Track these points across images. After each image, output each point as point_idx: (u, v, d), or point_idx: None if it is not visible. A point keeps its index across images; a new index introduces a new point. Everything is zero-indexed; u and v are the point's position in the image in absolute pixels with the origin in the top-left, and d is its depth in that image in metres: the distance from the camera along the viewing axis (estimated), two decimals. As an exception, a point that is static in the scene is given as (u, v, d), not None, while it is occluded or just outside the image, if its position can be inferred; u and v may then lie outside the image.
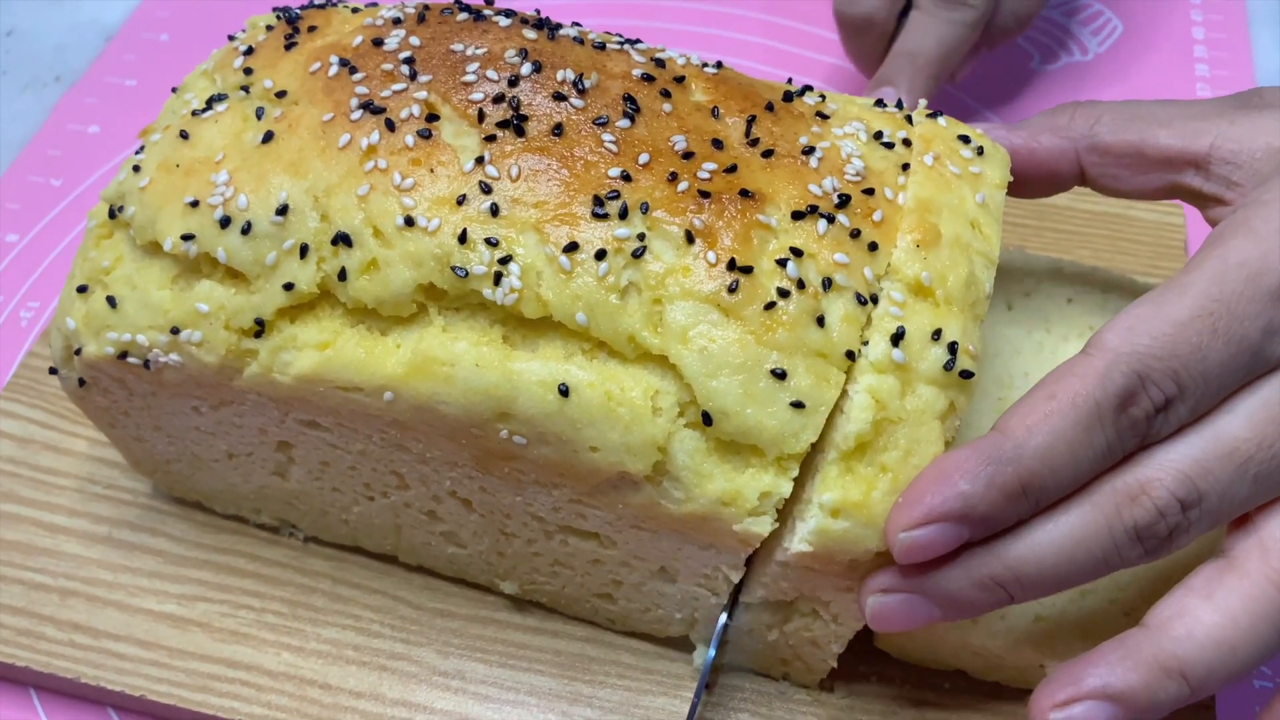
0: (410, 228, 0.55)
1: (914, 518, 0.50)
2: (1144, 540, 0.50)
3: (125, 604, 0.71)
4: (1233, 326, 0.49)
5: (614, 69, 0.59)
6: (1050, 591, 0.51)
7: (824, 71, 1.03)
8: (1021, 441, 0.49)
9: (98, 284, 0.61)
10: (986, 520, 0.49)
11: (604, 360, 0.55)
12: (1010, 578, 0.50)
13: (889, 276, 0.55)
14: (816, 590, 0.57)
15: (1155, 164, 0.60)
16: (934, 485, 0.50)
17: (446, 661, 0.68)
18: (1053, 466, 0.49)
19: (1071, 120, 0.62)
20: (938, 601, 0.52)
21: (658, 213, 0.55)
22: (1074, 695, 0.49)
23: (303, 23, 0.64)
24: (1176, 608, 0.50)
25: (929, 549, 0.50)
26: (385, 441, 0.60)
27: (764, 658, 0.65)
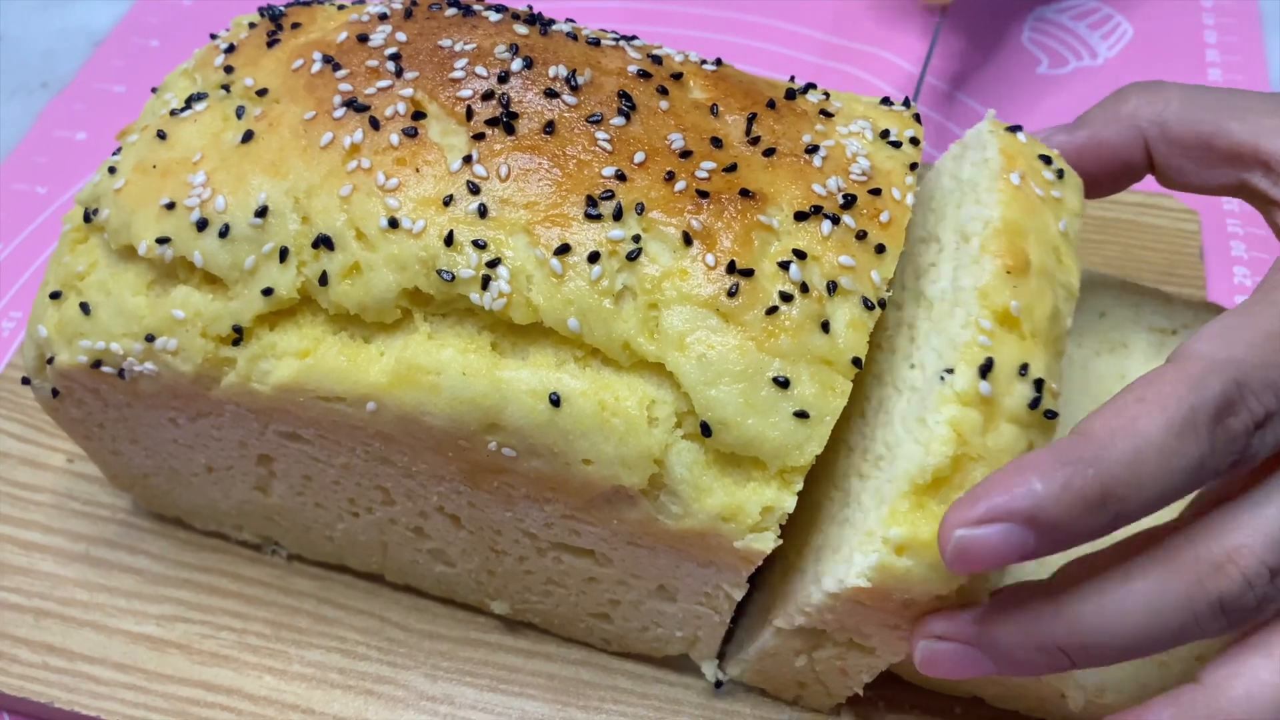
0: (394, 230, 0.52)
1: (976, 513, 0.44)
2: (1228, 613, 0.45)
3: (102, 625, 0.68)
4: None
5: (609, 65, 0.57)
6: (1115, 661, 0.47)
7: (830, 79, 1.01)
8: (1105, 444, 0.43)
9: (71, 290, 0.59)
10: (1056, 528, 0.43)
11: (597, 368, 0.52)
12: (1075, 644, 0.46)
13: (979, 303, 0.50)
14: (861, 624, 0.54)
15: (1222, 159, 0.56)
16: (1003, 480, 0.44)
17: (435, 685, 0.66)
18: (1139, 475, 0.43)
19: (1137, 107, 0.58)
20: (994, 657, 0.48)
21: (654, 213, 0.52)
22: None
23: (286, 20, 0.62)
24: (1235, 666, 0.46)
25: (986, 552, 0.44)
26: (369, 455, 0.58)
27: (780, 680, 0.62)
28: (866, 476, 0.52)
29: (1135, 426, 0.44)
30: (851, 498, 0.53)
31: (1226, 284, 0.85)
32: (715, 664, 0.64)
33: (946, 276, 0.53)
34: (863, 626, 0.54)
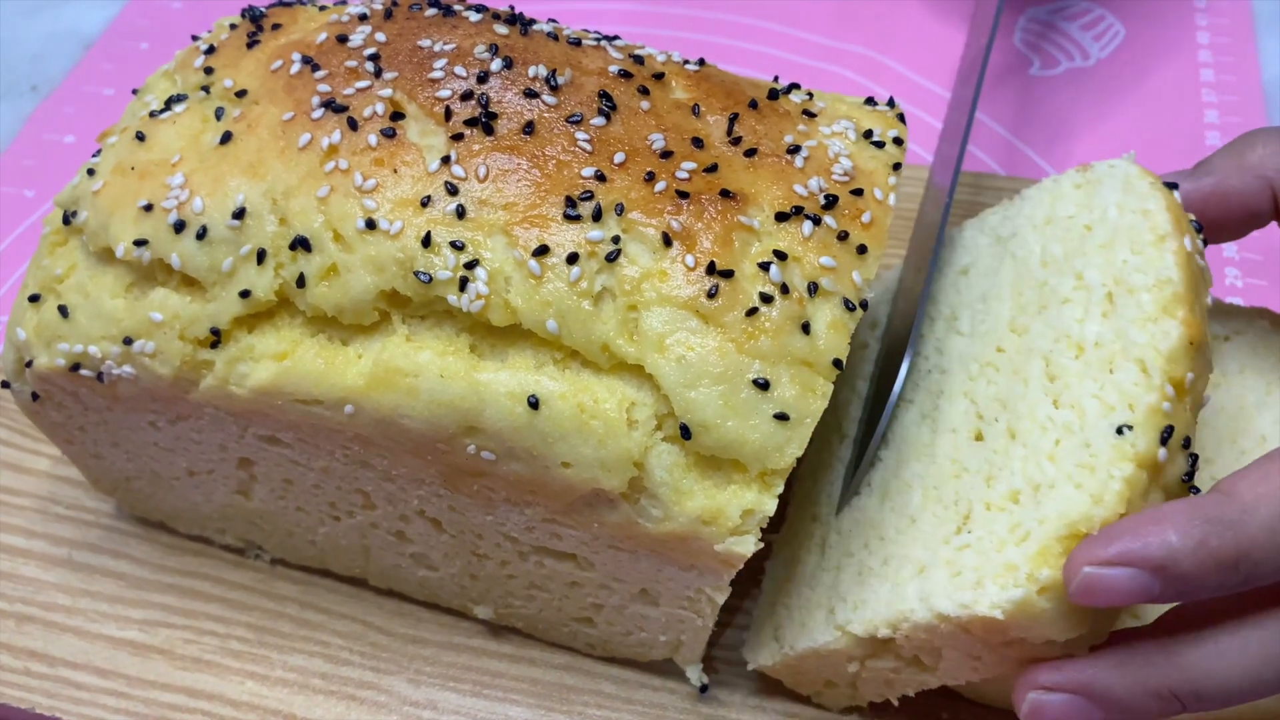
0: (371, 231, 0.52)
1: (1108, 554, 0.44)
2: None
3: (84, 630, 0.67)
4: None
5: (589, 65, 0.57)
6: (1227, 704, 0.47)
7: (824, 80, 1.00)
8: (1248, 509, 0.44)
9: (50, 293, 0.59)
10: (1185, 582, 0.44)
11: (576, 370, 0.51)
12: (1189, 690, 0.46)
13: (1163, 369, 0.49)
14: (945, 647, 0.52)
15: None
16: (1139, 527, 0.45)
17: (418, 691, 0.65)
18: (1278, 543, 0.44)
19: (1264, 156, 0.57)
20: (1105, 706, 0.47)
21: (633, 214, 0.52)
22: None
23: (267, 21, 0.62)
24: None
25: (1111, 592, 0.44)
26: (349, 458, 0.57)
27: (808, 677, 0.61)
28: (996, 507, 0.51)
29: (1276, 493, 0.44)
30: (972, 522, 0.52)
31: (1219, 286, 0.84)
32: (699, 668, 0.63)
33: (1097, 321, 0.53)
34: (945, 649, 0.53)
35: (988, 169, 0.91)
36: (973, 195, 0.87)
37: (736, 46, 1.03)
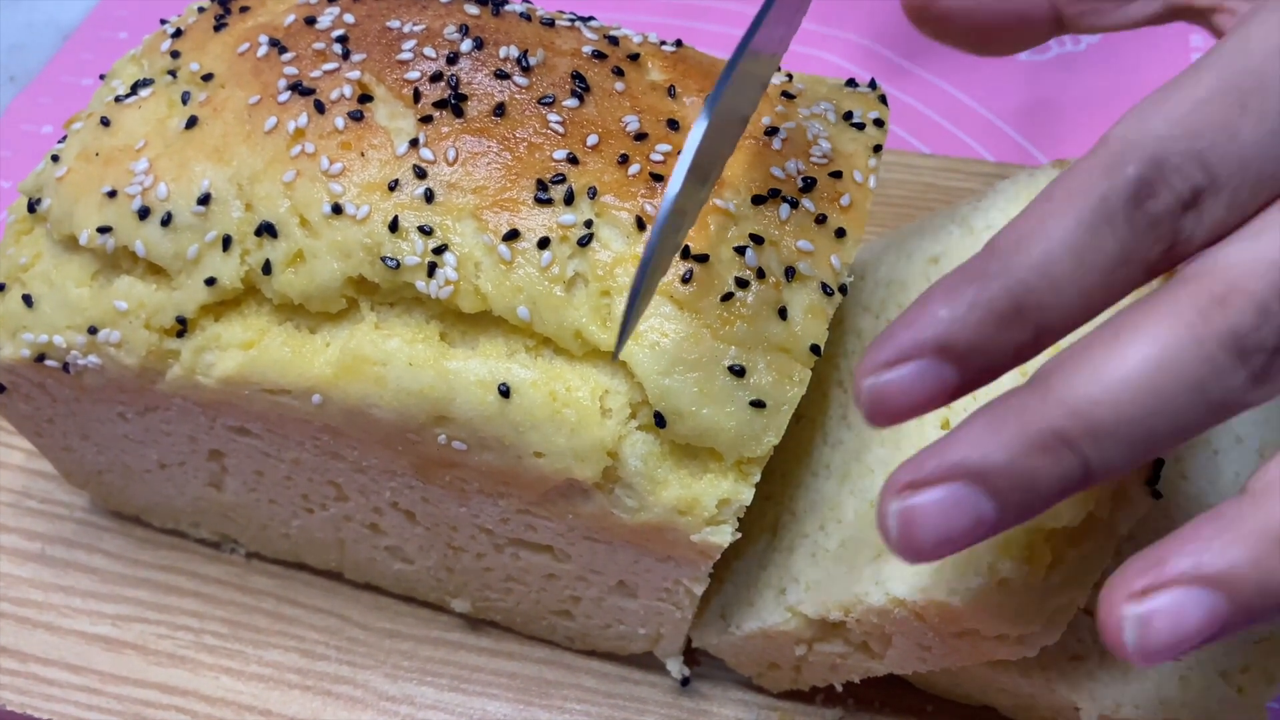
0: (338, 216, 0.51)
1: (883, 356, 0.38)
2: (1247, 354, 0.37)
3: (56, 625, 0.66)
4: (1267, 100, 0.39)
5: (562, 46, 0.55)
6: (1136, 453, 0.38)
7: (806, 64, 0.99)
8: (1012, 252, 0.38)
9: (15, 282, 0.57)
10: (973, 353, 0.38)
11: (549, 358, 0.50)
12: (1080, 428, 0.37)
13: None
14: (897, 633, 0.51)
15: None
16: (909, 315, 0.39)
17: (395, 686, 0.64)
18: (1053, 279, 0.38)
19: None
20: (987, 484, 0.38)
21: (606, 197, 0.50)
22: (1157, 581, 0.37)
23: (235, 3, 0.60)
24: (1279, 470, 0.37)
25: (904, 397, 0.38)
26: (319, 449, 0.56)
27: (750, 657, 0.60)
28: None
29: (1044, 228, 0.38)
30: None
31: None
32: (680, 661, 0.62)
33: None
34: (896, 636, 0.52)
35: (975, 154, 0.90)
36: (963, 181, 0.86)
37: (717, 31, 1.01)
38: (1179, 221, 0.38)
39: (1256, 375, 0.37)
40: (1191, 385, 0.37)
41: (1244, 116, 0.39)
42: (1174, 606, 0.37)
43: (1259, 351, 0.37)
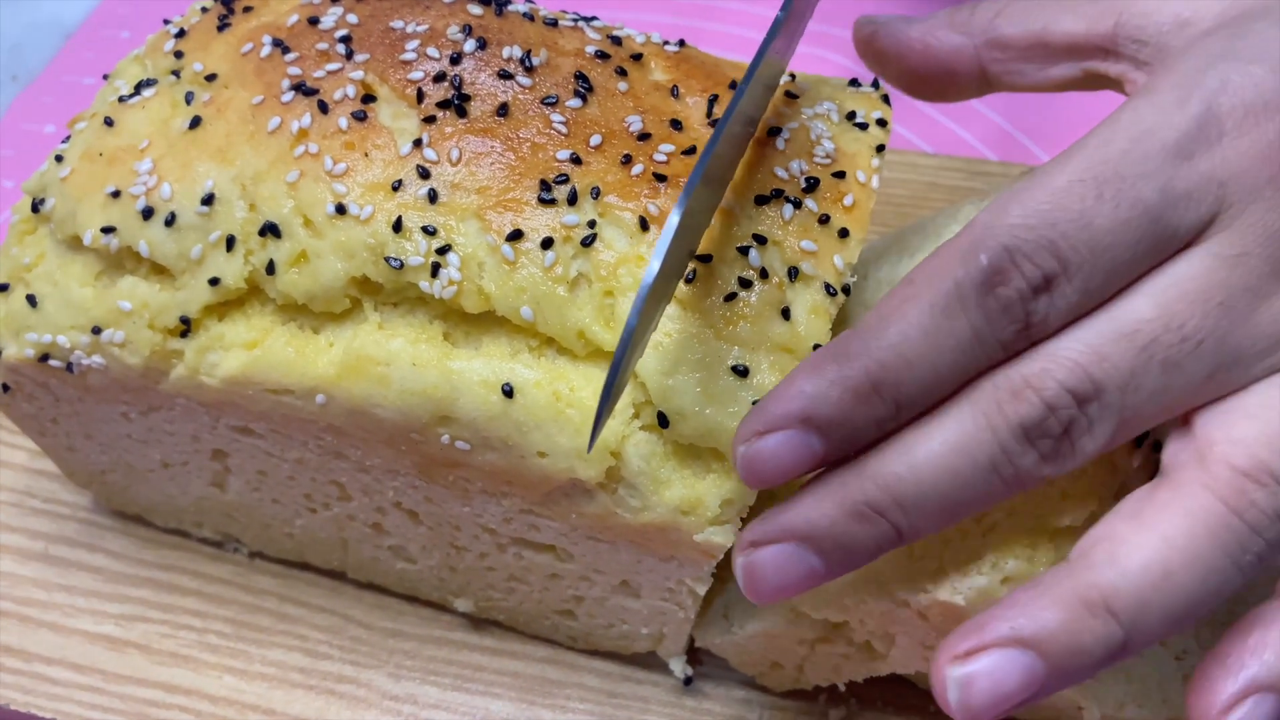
0: (341, 216, 0.51)
1: (753, 427, 0.43)
2: (1035, 441, 0.42)
3: (60, 625, 0.66)
4: (1122, 188, 0.42)
5: (565, 46, 0.55)
6: (942, 520, 0.43)
7: (808, 64, 0.99)
8: (872, 333, 0.42)
9: (19, 282, 0.57)
10: (834, 425, 0.43)
11: (552, 358, 0.50)
12: (888, 501, 0.43)
13: None
14: (901, 633, 0.52)
15: (1061, 53, 0.53)
16: (778, 389, 0.43)
17: (398, 685, 0.64)
18: (908, 359, 0.42)
19: (972, 15, 0.56)
20: (814, 545, 0.44)
21: (610, 198, 0.50)
22: (978, 644, 0.41)
23: (238, 3, 0.60)
24: (1099, 534, 0.42)
25: (774, 463, 0.43)
26: (322, 449, 0.56)
27: (753, 656, 0.60)
28: None
29: (901, 311, 0.42)
30: None
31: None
32: (683, 660, 0.62)
33: None
34: (899, 636, 0.52)
35: (978, 154, 0.90)
36: (966, 181, 0.86)
37: (720, 31, 1.01)
38: (1030, 305, 0.42)
39: (1045, 457, 0.42)
40: (985, 466, 0.42)
41: (1099, 204, 0.42)
42: (992, 668, 0.41)
43: (1045, 438, 0.42)
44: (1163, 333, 0.42)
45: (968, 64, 0.56)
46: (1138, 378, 0.42)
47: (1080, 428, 0.42)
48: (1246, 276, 0.42)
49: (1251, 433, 0.41)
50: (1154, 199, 0.42)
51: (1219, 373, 0.42)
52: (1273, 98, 0.43)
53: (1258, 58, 0.44)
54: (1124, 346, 0.42)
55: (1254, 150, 0.42)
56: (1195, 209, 0.42)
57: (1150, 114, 0.43)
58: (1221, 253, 0.42)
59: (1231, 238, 0.42)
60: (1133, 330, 0.42)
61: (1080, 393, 0.42)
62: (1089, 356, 0.42)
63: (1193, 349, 0.42)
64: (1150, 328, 0.42)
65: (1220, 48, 0.45)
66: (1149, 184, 0.42)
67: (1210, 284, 0.42)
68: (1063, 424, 0.42)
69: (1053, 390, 0.42)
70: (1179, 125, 0.43)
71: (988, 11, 0.56)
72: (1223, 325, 0.42)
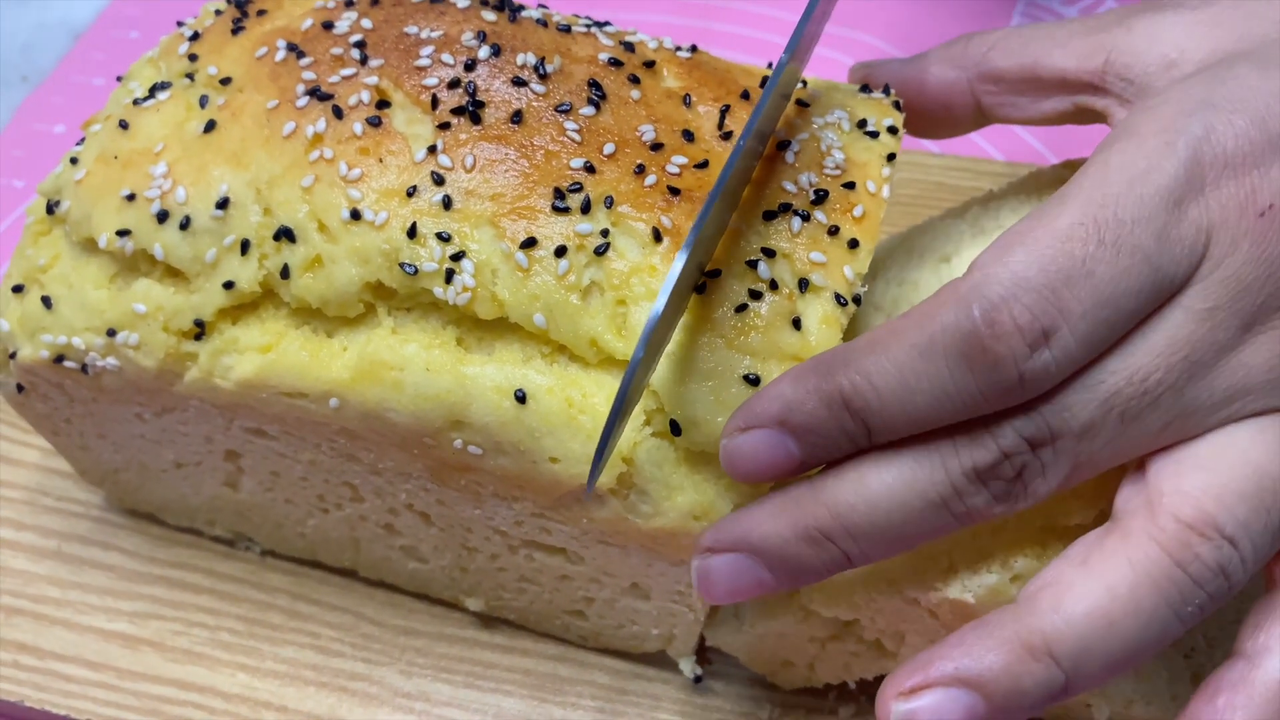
0: (356, 221, 0.51)
1: (736, 423, 0.45)
2: (987, 483, 0.43)
3: (74, 622, 0.67)
4: (1122, 233, 0.42)
5: (579, 53, 0.56)
6: (889, 548, 0.45)
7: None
8: (856, 354, 0.44)
9: (34, 283, 0.58)
10: (807, 431, 0.44)
11: (564, 364, 0.51)
12: (838, 529, 0.44)
13: None
14: (911, 631, 0.52)
15: (1051, 87, 0.54)
16: (761, 392, 0.46)
17: (410, 682, 0.65)
18: (878, 390, 0.43)
19: (966, 49, 0.57)
20: (765, 560, 0.46)
21: (623, 207, 0.51)
22: (924, 681, 0.42)
23: (252, 6, 0.61)
24: (1047, 579, 0.43)
25: (753, 459, 0.45)
26: (335, 451, 0.57)
27: (764, 654, 0.60)
28: None
29: (886, 341, 0.43)
30: None
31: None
32: (693, 660, 0.63)
33: None
34: (909, 634, 0.52)
35: (985, 154, 0.90)
36: (972, 181, 0.87)
37: (729, 32, 1.02)
38: (1025, 364, 0.41)
39: (997, 498, 0.44)
40: (935, 502, 0.43)
41: (1100, 250, 0.42)
42: (935, 706, 0.42)
43: (998, 480, 0.43)
44: (1125, 385, 0.42)
45: (963, 97, 0.57)
46: (1095, 427, 0.43)
47: (1033, 471, 0.43)
48: (1215, 331, 0.43)
49: (1200, 484, 0.42)
50: (1151, 245, 0.42)
51: (1176, 421, 0.43)
52: (1251, 150, 0.43)
53: (1239, 107, 0.44)
54: (1085, 398, 0.43)
55: (1233, 202, 0.43)
56: (1187, 256, 0.43)
57: (1140, 158, 0.44)
58: (1193, 306, 0.43)
59: (1205, 291, 0.43)
60: (1093, 381, 0.43)
61: (1035, 440, 0.43)
62: (1048, 406, 0.43)
63: (1152, 402, 0.43)
64: (1112, 379, 0.42)
65: (1202, 93, 0.45)
66: (1147, 229, 0.42)
67: (1177, 338, 0.43)
68: (1016, 469, 0.43)
69: (1009, 438, 0.43)
70: (1170, 170, 0.43)
71: (981, 45, 0.57)
72: (1183, 379, 0.43)
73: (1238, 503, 0.42)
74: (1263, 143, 0.43)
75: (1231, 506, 0.42)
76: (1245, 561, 0.42)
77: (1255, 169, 0.43)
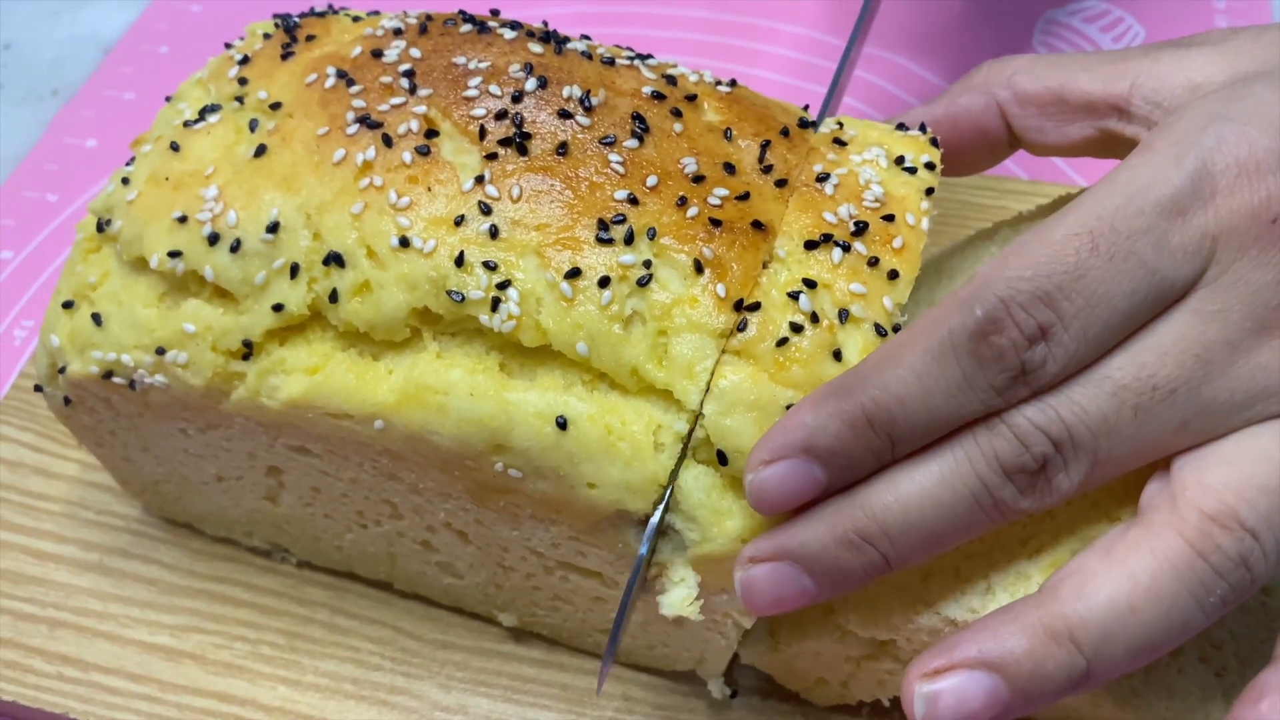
0: (405, 249, 0.52)
1: (760, 457, 0.46)
2: (1013, 476, 0.44)
3: (116, 635, 0.68)
4: (1116, 242, 0.44)
5: (623, 86, 0.57)
6: (927, 548, 0.46)
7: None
8: (871, 372, 0.45)
9: (84, 300, 0.59)
10: (833, 455, 0.46)
11: (604, 391, 0.52)
12: (876, 530, 0.46)
13: None
14: None
15: (1078, 110, 0.56)
16: (781, 422, 0.47)
17: (449, 696, 0.66)
18: (900, 399, 0.44)
19: (988, 75, 0.59)
20: (806, 566, 0.47)
21: (665, 239, 0.52)
22: (947, 664, 0.44)
23: (301, 31, 0.62)
24: (1071, 568, 0.45)
25: (780, 490, 0.46)
26: (377, 470, 0.58)
27: (799, 673, 0.61)
28: None
29: (898, 353, 0.45)
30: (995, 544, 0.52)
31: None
32: (721, 682, 0.64)
33: None
34: None
35: (1010, 173, 0.91)
36: (998, 200, 0.87)
37: (750, 48, 1.03)
38: (1025, 354, 0.44)
39: (1023, 491, 0.45)
40: (966, 497, 0.45)
41: (1094, 256, 0.44)
42: (958, 687, 0.44)
43: (1022, 473, 0.45)
44: (1133, 381, 0.44)
45: (994, 120, 0.59)
46: (1109, 423, 0.44)
47: (1055, 466, 0.45)
48: (1225, 331, 0.44)
49: (1223, 479, 0.44)
50: (1148, 253, 0.44)
51: (1194, 421, 0.45)
52: (1264, 158, 0.45)
53: (1252, 119, 0.46)
54: (1093, 391, 0.44)
55: (1244, 209, 0.44)
56: (1190, 263, 0.44)
57: (1146, 171, 0.45)
58: (1201, 308, 0.44)
59: (1214, 294, 0.44)
60: (1102, 377, 0.44)
61: (1052, 433, 0.44)
62: (1059, 397, 0.44)
63: (1165, 397, 0.44)
64: (1120, 375, 0.44)
65: (1217, 108, 0.47)
66: (1144, 239, 0.44)
67: (1185, 338, 0.44)
68: (1037, 460, 0.44)
69: (1024, 426, 0.44)
70: (1174, 182, 0.45)
71: (1005, 69, 0.58)
72: (1197, 376, 0.44)
73: (1259, 496, 0.43)
74: (1276, 151, 0.45)
75: (1253, 500, 0.43)
76: (1267, 554, 0.43)
77: (1269, 177, 0.44)
